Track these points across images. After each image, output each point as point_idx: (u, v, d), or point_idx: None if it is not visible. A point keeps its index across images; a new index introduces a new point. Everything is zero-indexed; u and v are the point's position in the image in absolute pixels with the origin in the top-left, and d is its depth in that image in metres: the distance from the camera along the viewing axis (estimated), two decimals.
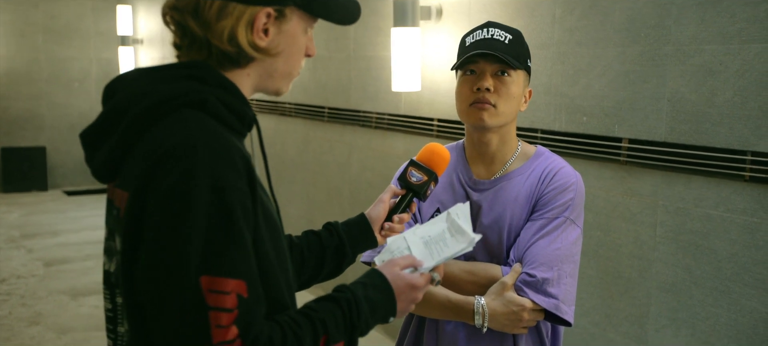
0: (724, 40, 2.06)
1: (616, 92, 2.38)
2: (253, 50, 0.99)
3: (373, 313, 1.03)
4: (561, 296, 1.40)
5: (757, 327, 2.03)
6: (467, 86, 1.46)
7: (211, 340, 0.85)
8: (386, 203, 1.33)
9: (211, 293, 0.85)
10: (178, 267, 0.85)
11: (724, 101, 2.07)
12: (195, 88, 0.95)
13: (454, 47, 3.10)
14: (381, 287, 1.05)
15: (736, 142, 2.05)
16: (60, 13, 7.84)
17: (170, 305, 0.86)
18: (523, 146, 1.53)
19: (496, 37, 1.44)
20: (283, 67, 1.05)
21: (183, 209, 0.86)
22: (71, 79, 7.89)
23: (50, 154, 7.82)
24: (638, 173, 2.34)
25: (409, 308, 1.08)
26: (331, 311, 0.99)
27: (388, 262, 1.09)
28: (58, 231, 6.00)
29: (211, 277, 0.85)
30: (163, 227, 0.87)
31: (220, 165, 0.89)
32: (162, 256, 0.86)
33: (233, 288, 0.86)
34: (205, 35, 0.97)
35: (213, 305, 0.85)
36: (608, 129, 2.41)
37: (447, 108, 3.19)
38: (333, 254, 1.28)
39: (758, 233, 2.01)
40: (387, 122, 3.60)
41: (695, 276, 2.19)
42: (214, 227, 0.86)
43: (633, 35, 2.31)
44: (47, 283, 4.65)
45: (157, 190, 0.88)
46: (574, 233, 1.43)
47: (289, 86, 1.09)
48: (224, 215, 0.87)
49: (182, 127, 0.91)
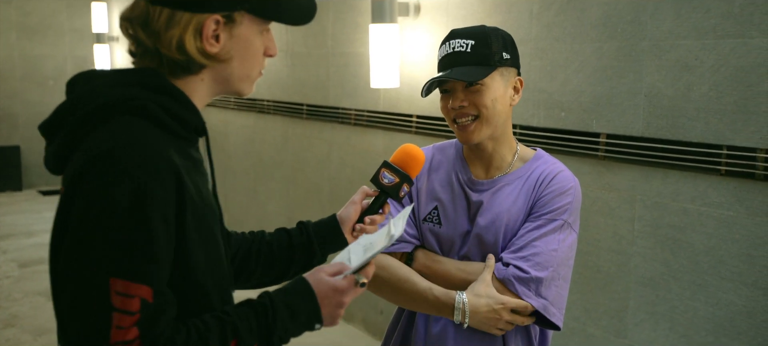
0: (700, 36, 2.07)
1: (593, 87, 2.39)
2: (202, 57, 1.00)
3: (293, 318, 1.03)
4: (551, 298, 1.39)
5: (734, 320, 2.05)
6: (444, 104, 1.46)
7: (109, 339, 0.88)
8: (358, 204, 1.32)
9: (117, 295, 0.88)
10: (89, 266, 0.89)
11: (700, 96, 2.08)
12: (137, 95, 0.97)
13: (433, 43, 3.11)
14: (302, 292, 1.05)
15: (711, 137, 2.06)
16: (33, 10, 7.70)
17: (78, 301, 0.90)
18: (521, 149, 1.52)
19: (458, 49, 1.41)
20: (239, 70, 1.05)
21: (101, 212, 0.89)
22: (46, 77, 7.76)
23: (24, 154, 7.69)
24: (616, 167, 2.35)
25: (337, 314, 1.07)
26: (244, 315, 1.00)
27: (314, 269, 1.09)
28: (33, 231, 5.90)
29: (119, 280, 0.89)
30: (81, 226, 0.90)
31: (144, 173, 0.91)
32: (76, 253, 0.90)
33: (139, 293, 0.89)
34: (155, 45, 0.99)
35: (117, 307, 0.88)
36: (586, 124, 2.42)
37: (426, 104, 3.18)
38: (301, 252, 1.29)
39: (734, 227, 2.03)
40: (366, 119, 3.59)
41: (673, 270, 2.20)
42: (129, 232, 0.90)
43: (610, 31, 2.32)
44: (22, 284, 4.57)
45: (82, 190, 0.91)
46: (570, 237, 1.42)
47: (252, 87, 1.09)
48: (140, 222, 0.90)
49: (116, 132, 0.94)
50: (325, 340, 3.68)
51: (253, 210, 4.83)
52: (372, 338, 3.73)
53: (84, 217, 0.90)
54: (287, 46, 4.22)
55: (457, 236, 1.47)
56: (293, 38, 4.15)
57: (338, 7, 3.71)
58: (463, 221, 1.47)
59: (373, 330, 3.75)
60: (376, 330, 3.73)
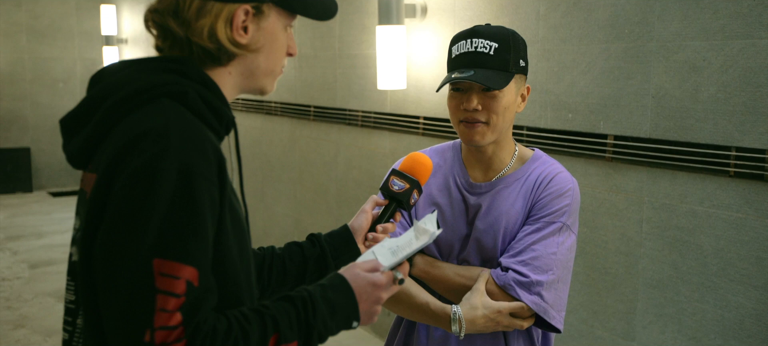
0: (708, 36, 2.06)
1: (600, 89, 2.38)
2: (233, 47, 1.00)
3: (332, 314, 1.00)
4: (551, 301, 1.38)
5: (743, 322, 2.04)
6: (455, 103, 1.42)
7: (153, 323, 0.84)
8: (368, 213, 1.30)
9: (162, 277, 0.85)
10: (132, 245, 0.85)
11: (708, 97, 2.07)
12: (175, 80, 0.96)
13: (440, 45, 3.10)
14: (340, 287, 1.02)
15: (720, 138, 2.05)
16: (43, 13, 7.75)
17: (119, 282, 0.85)
18: (520, 150, 1.50)
19: (481, 49, 1.37)
20: (265, 64, 1.05)
21: (147, 189, 0.86)
22: (55, 79, 7.81)
23: (35, 156, 7.74)
24: (623, 169, 2.34)
25: (374, 311, 1.04)
26: (284, 310, 0.96)
27: (350, 265, 1.06)
28: (44, 233, 5.94)
29: (164, 260, 0.85)
30: (125, 204, 0.87)
31: (191, 151, 0.89)
32: (119, 233, 0.86)
33: (184, 274, 0.86)
34: (186, 34, 0.99)
35: (161, 289, 0.85)
36: (593, 126, 2.41)
37: (433, 106, 3.18)
38: (315, 264, 1.26)
39: (743, 229, 2.02)
40: (373, 120, 3.59)
41: (681, 272, 2.19)
42: (176, 211, 0.86)
43: (617, 32, 2.31)
44: (33, 285, 4.60)
45: (125, 169, 0.88)
46: (569, 239, 1.41)
47: (274, 85, 1.10)
48: (188, 201, 0.87)
49: (158, 112, 0.91)
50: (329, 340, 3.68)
51: (260, 211, 4.84)
52: (377, 338, 3.73)
53: (127, 195, 0.86)
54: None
55: (456, 240, 1.46)
56: (300, 40, 4.16)
57: (345, 9, 3.72)
58: (461, 224, 1.46)
59: (378, 330, 3.75)
60: (381, 330, 3.73)
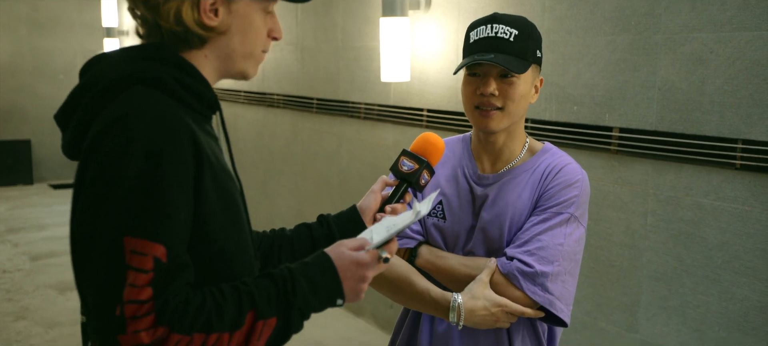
0: (715, 29, 2.05)
1: (606, 81, 2.37)
2: (200, 29, 1.01)
3: (314, 291, 1.00)
4: (557, 293, 1.35)
5: (748, 315, 2.04)
6: (471, 88, 1.41)
7: (122, 297, 0.88)
8: (377, 193, 1.30)
9: (132, 254, 0.89)
10: (103, 224, 0.90)
11: (715, 89, 2.06)
12: (149, 67, 0.98)
13: (444, 37, 3.09)
14: (324, 265, 1.02)
15: (726, 131, 2.04)
16: (43, 4, 7.72)
17: (93, 259, 0.91)
18: (530, 142, 1.49)
19: (501, 35, 1.36)
20: (241, 47, 1.05)
21: (116, 171, 0.90)
22: (56, 71, 7.79)
23: (35, 148, 7.73)
24: (629, 161, 2.33)
25: (360, 289, 1.04)
26: (263, 286, 0.97)
27: (336, 243, 1.06)
28: (45, 225, 5.93)
29: (134, 238, 0.89)
30: (96, 187, 0.92)
31: (159, 134, 0.92)
32: (90, 213, 0.92)
33: (152, 251, 0.89)
34: (154, 18, 1.01)
35: (131, 265, 0.89)
36: (599, 118, 2.41)
37: (436, 98, 3.17)
38: (324, 245, 1.25)
39: (749, 221, 2.02)
40: (376, 113, 3.58)
41: (686, 264, 2.19)
42: (144, 191, 0.90)
43: (623, 24, 2.30)
44: (34, 277, 4.60)
45: (96, 154, 0.93)
46: (577, 231, 1.39)
47: (256, 69, 1.10)
48: (155, 181, 0.91)
49: (130, 99, 0.95)
50: (334, 333, 3.69)
51: (262, 204, 4.83)
52: (382, 332, 3.73)
53: (98, 177, 0.91)
54: (297, 40, 4.22)
55: (462, 231, 1.45)
56: (303, 32, 4.15)
57: (348, 1, 3.71)
58: (467, 215, 1.45)
59: (383, 324, 3.75)
60: (385, 324, 3.73)
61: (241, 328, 0.94)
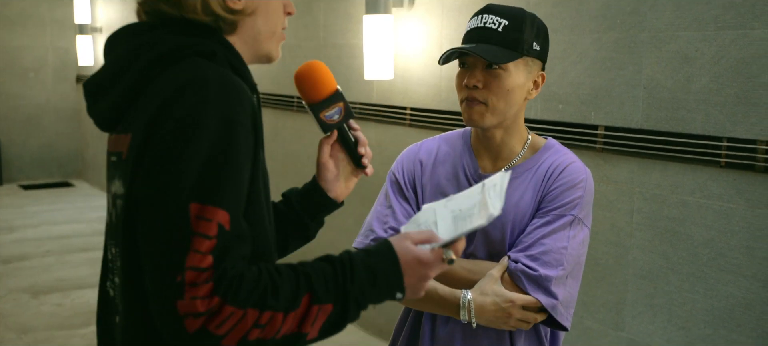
0: (700, 27, 2.06)
1: (591, 79, 2.37)
2: (229, 14, 1.00)
3: (373, 282, 0.96)
4: (561, 297, 1.33)
5: (733, 312, 2.05)
6: (459, 80, 1.38)
7: (185, 263, 0.86)
8: (325, 153, 1.21)
9: (198, 220, 0.87)
10: (172, 190, 0.87)
11: (700, 88, 2.08)
12: (202, 41, 0.97)
13: (427, 34, 3.08)
14: (386, 255, 0.97)
15: (712, 129, 2.06)
16: (14, 1, 7.53)
17: (158, 225, 0.88)
18: (532, 138, 1.44)
19: (489, 25, 1.33)
20: (265, 26, 1.05)
21: (190, 136, 0.88)
22: (26, 68, 7.60)
23: (5, 147, 7.54)
24: (614, 160, 2.34)
25: (421, 286, 0.99)
26: (321, 269, 0.94)
27: (403, 234, 1.01)
28: (15, 227, 5.79)
29: (201, 204, 0.87)
30: (167, 152, 0.89)
31: (231, 101, 0.91)
32: (159, 176, 0.89)
33: (217, 218, 0.87)
34: (180, 13, 0.98)
35: (196, 231, 0.87)
36: (584, 116, 2.41)
37: (420, 96, 3.15)
38: (294, 228, 1.24)
39: (734, 219, 2.03)
40: (358, 111, 3.55)
41: (672, 262, 2.20)
42: (215, 157, 0.88)
43: (609, 22, 2.31)
44: (5, 281, 4.48)
45: (167, 121, 0.89)
46: (582, 233, 1.37)
47: (279, 50, 1.10)
48: (227, 148, 0.89)
49: (194, 67, 0.93)
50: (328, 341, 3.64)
51: None
52: (378, 341, 3.70)
53: (169, 144, 0.88)
54: None
55: None
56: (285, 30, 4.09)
57: None
58: None
59: (382, 334, 3.72)
60: (385, 334, 3.70)
61: (295, 309, 0.90)
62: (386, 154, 3.37)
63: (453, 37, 2.94)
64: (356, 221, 2.61)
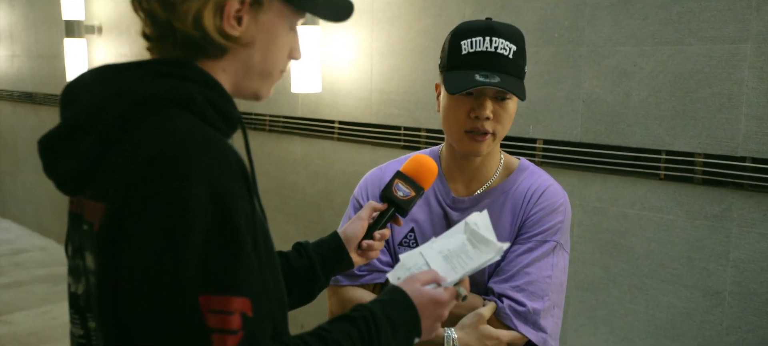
0: (638, 42, 2.10)
1: (530, 93, 2.37)
2: (220, 37, 0.86)
3: (394, 332, 0.93)
4: (550, 330, 1.29)
5: (674, 321, 2.09)
6: (463, 110, 1.26)
7: None
8: (365, 220, 1.20)
9: (212, 314, 0.74)
10: (174, 287, 0.74)
11: (639, 102, 2.11)
12: (179, 85, 0.82)
13: (356, 46, 2.98)
14: (402, 303, 0.95)
15: (650, 142, 2.09)
16: None
17: (169, 328, 0.75)
18: (505, 159, 1.38)
19: (501, 51, 1.23)
20: (261, 63, 0.91)
21: (177, 221, 0.74)
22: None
23: None
24: (554, 173, 2.33)
25: (435, 327, 0.99)
26: (346, 332, 0.89)
27: (408, 278, 1.00)
28: None
29: (211, 296, 0.75)
30: (154, 242, 0.75)
31: (217, 169, 0.78)
32: (156, 276, 0.75)
33: (237, 307, 0.76)
34: (168, 18, 0.85)
35: (215, 327, 0.74)
36: (522, 130, 2.40)
37: (348, 109, 3.05)
38: (303, 277, 1.16)
39: (674, 230, 2.07)
40: (282, 125, 3.40)
41: (613, 274, 2.22)
42: (214, 239, 0.76)
43: (546, 36, 2.31)
44: None
45: (145, 199, 0.76)
46: (563, 259, 1.32)
47: (270, 91, 0.95)
48: (225, 225, 0.77)
49: (169, 127, 0.79)
50: None
51: None
52: None
53: (157, 231, 0.74)
54: None
55: None
56: None
57: None
58: None
59: None
60: None
61: None
62: (312, 169, 3.24)
63: (384, 50, 2.87)
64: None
